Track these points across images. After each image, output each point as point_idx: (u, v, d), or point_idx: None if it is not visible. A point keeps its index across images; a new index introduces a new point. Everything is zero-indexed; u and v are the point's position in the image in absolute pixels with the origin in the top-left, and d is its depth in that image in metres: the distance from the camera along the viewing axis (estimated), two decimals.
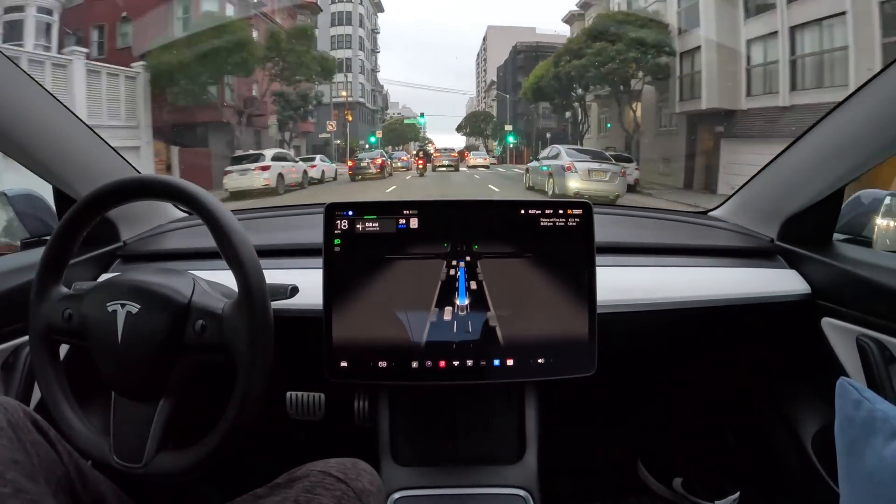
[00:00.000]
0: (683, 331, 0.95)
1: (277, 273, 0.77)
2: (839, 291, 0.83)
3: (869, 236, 0.94)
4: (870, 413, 0.54)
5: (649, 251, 0.96)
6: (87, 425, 0.60)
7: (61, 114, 0.79)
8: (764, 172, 0.98)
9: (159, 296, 0.58)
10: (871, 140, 0.76)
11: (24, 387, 0.74)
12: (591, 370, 0.75)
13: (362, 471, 0.66)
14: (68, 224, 0.61)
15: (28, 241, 0.90)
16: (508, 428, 0.90)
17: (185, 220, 1.08)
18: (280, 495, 0.59)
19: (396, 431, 0.90)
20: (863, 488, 0.52)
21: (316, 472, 0.62)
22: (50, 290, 0.62)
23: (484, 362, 0.75)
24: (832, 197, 0.88)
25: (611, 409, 1.24)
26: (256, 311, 0.57)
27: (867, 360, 0.76)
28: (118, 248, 0.94)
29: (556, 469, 0.94)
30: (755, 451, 1.08)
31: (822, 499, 0.81)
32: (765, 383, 1.03)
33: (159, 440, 0.58)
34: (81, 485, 0.55)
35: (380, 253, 0.74)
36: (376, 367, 0.74)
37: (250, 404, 0.57)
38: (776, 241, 0.96)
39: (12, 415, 0.51)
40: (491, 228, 0.76)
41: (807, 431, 0.88)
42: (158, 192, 0.62)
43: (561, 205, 0.76)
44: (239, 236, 0.58)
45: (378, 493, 0.66)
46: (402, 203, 0.75)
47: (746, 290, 0.88)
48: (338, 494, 0.60)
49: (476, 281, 0.75)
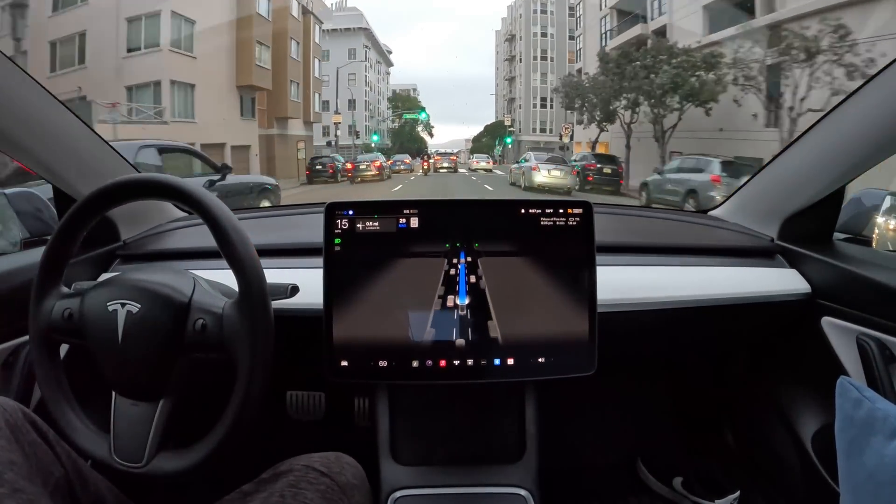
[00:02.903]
0: (683, 330, 0.95)
1: (277, 272, 0.77)
2: (839, 291, 0.83)
3: (869, 235, 0.94)
4: (870, 412, 0.54)
5: (649, 251, 0.96)
6: (88, 425, 0.60)
7: (61, 114, 0.79)
8: (764, 172, 0.98)
9: (159, 295, 0.58)
10: (872, 139, 0.76)
11: (23, 386, 0.74)
12: (592, 369, 0.75)
13: (346, 464, 0.66)
14: (68, 224, 0.61)
15: (28, 241, 0.90)
16: (508, 427, 0.90)
17: (185, 219, 1.08)
18: (266, 491, 0.59)
19: (396, 431, 0.90)
20: (863, 487, 0.52)
21: (300, 466, 0.62)
22: (50, 290, 0.62)
23: (484, 361, 0.75)
24: (832, 196, 0.88)
25: (611, 408, 1.24)
26: (256, 311, 0.57)
27: (867, 360, 0.76)
28: (118, 247, 0.94)
29: (556, 468, 0.94)
30: (755, 450, 1.08)
31: (822, 498, 0.81)
32: (765, 383, 1.03)
33: (160, 440, 0.58)
34: (80, 486, 0.55)
35: (380, 252, 0.74)
36: (376, 366, 0.74)
37: (250, 404, 0.56)
38: (776, 241, 0.96)
39: (11, 415, 0.51)
40: (491, 228, 0.76)
41: (807, 431, 0.88)
42: (158, 191, 0.62)
43: (561, 204, 0.76)
44: (239, 235, 0.58)
45: (362, 486, 0.66)
46: (402, 202, 0.75)
47: (746, 289, 0.88)
48: (322, 489, 0.60)
49: (476, 280, 0.75)
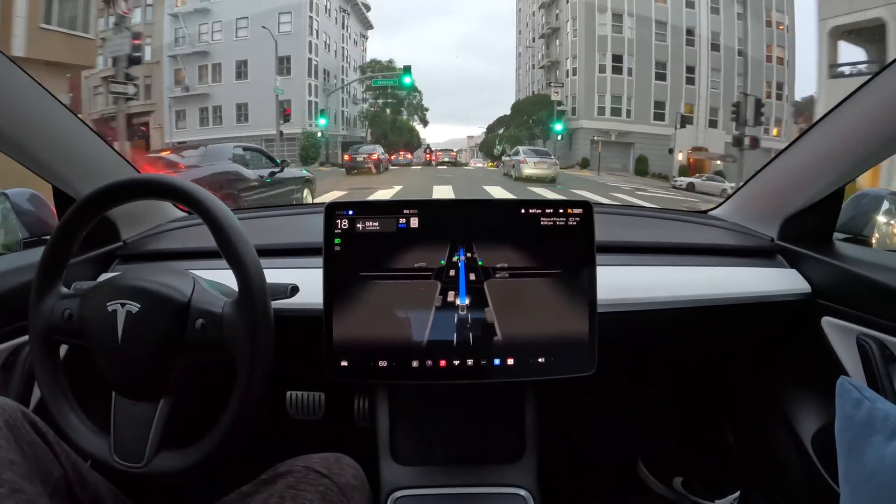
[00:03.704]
0: (683, 330, 0.95)
1: (277, 272, 0.77)
2: (839, 290, 0.83)
3: (869, 235, 0.94)
4: (870, 412, 0.54)
5: (649, 250, 0.96)
6: (88, 425, 0.60)
7: (61, 113, 0.79)
8: (764, 172, 0.98)
9: (159, 295, 0.58)
10: (872, 139, 0.76)
11: (23, 387, 0.74)
12: (592, 370, 0.75)
13: (346, 465, 0.66)
14: (68, 223, 0.61)
15: (28, 241, 0.90)
16: (508, 427, 0.90)
17: (185, 219, 1.08)
18: (265, 492, 0.59)
19: (396, 431, 0.90)
20: (863, 487, 0.52)
21: (299, 467, 0.62)
22: (50, 290, 0.62)
23: (484, 361, 0.75)
24: (832, 196, 0.88)
25: (611, 408, 1.24)
26: (257, 311, 0.57)
27: (867, 359, 0.76)
28: (118, 247, 0.94)
29: (556, 468, 0.94)
30: (755, 450, 1.08)
31: (822, 498, 0.81)
32: (765, 383, 1.03)
33: (160, 440, 0.58)
34: (80, 486, 0.55)
35: (380, 252, 0.74)
36: (376, 366, 0.74)
37: (250, 404, 0.56)
38: (776, 241, 0.96)
39: (10, 416, 0.51)
40: (491, 227, 0.75)
41: (807, 431, 0.88)
42: (158, 191, 0.62)
43: (562, 204, 0.76)
44: (239, 235, 0.58)
45: (362, 487, 0.66)
46: (402, 202, 0.75)
47: (746, 289, 0.88)
48: (321, 490, 0.60)
49: (476, 280, 0.75)
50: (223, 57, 15.90)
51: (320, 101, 16.78)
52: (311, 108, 16.47)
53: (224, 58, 15.90)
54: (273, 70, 15.52)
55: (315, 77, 16.70)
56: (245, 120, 15.93)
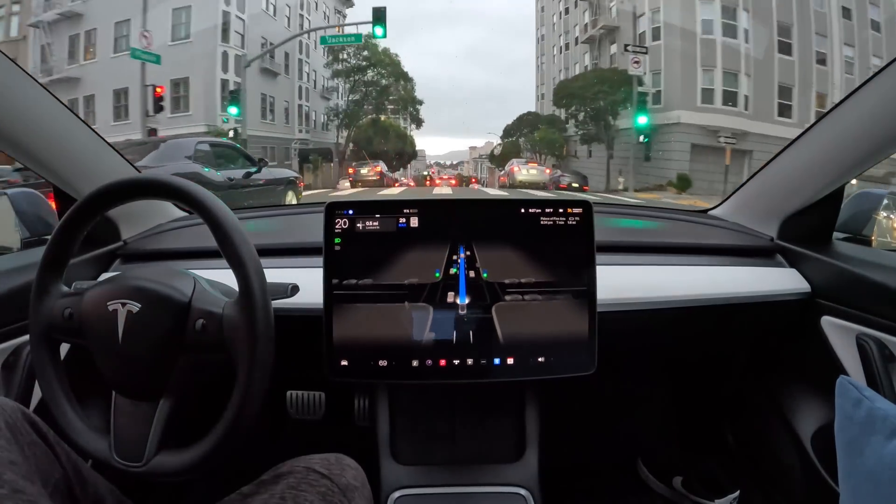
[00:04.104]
0: (683, 330, 0.95)
1: (278, 272, 0.77)
2: (839, 290, 0.83)
3: (868, 235, 0.94)
4: (869, 412, 0.54)
5: (649, 250, 0.96)
6: (88, 425, 0.60)
7: (62, 113, 0.79)
8: (764, 171, 0.98)
9: (160, 295, 0.58)
10: (871, 139, 0.76)
11: (24, 387, 0.74)
12: (592, 369, 0.75)
13: (346, 466, 0.66)
14: (69, 223, 0.61)
15: (28, 241, 0.90)
16: (508, 427, 0.90)
17: (186, 219, 1.08)
18: (266, 493, 0.59)
19: (396, 430, 0.90)
20: (862, 487, 0.52)
21: (300, 468, 0.62)
22: (50, 290, 0.62)
23: (484, 361, 0.75)
24: (832, 196, 0.88)
25: (611, 408, 1.24)
26: (257, 310, 0.57)
27: (867, 359, 0.76)
28: (119, 247, 0.94)
29: (557, 468, 0.94)
30: (755, 450, 1.08)
31: (821, 498, 0.81)
32: (765, 382, 1.03)
33: (160, 439, 0.58)
34: (80, 486, 0.55)
35: (380, 251, 0.74)
36: (377, 365, 0.74)
37: (250, 403, 0.57)
38: (776, 240, 0.96)
39: (10, 416, 0.51)
40: (491, 227, 0.76)
41: (806, 430, 0.88)
42: (159, 191, 0.62)
43: (561, 203, 0.76)
44: (239, 235, 0.58)
45: (363, 488, 0.66)
46: (402, 202, 0.75)
47: (746, 288, 0.88)
48: (322, 490, 0.60)
49: (476, 279, 0.75)
50: (99, 20, 10.46)
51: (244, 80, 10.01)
52: (225, 90, 10.68)
53: (101, 20, 10.46)
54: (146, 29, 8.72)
55: (239, 45, 9.79)
56: (125, 115, 10.77)
